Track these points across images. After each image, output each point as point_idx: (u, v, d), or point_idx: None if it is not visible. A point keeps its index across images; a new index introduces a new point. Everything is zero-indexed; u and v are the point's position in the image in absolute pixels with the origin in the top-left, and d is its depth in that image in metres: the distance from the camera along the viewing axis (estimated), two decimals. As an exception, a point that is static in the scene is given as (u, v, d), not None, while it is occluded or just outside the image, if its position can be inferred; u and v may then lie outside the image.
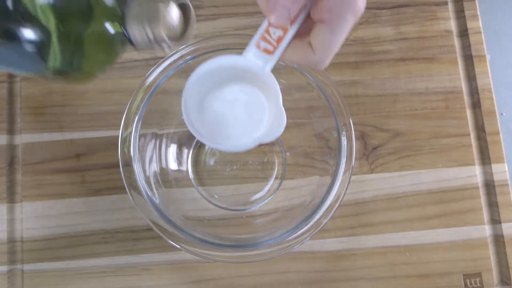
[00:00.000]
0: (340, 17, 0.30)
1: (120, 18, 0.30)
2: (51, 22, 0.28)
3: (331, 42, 0.31)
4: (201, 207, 0.49)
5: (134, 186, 0.41)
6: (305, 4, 0.32)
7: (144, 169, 0.43)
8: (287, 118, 0.35)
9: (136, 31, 0.30)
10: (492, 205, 0.51)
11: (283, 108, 0.35)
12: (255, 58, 0.34)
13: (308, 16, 0.33)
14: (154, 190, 0.43)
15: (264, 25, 0.33)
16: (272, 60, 0.34)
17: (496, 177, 0.51)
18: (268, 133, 0.36)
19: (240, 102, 0.37)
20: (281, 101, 0.35)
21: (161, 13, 0.30)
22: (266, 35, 0.33)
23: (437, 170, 0.51)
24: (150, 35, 0.30)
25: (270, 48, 0.34)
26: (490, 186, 0.51)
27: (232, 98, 0.37)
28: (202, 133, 0.36)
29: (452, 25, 0.55)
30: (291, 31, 0.33)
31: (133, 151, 0.41)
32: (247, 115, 0.37)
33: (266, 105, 0.37)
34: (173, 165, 0.49)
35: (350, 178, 0.41)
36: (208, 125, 0.37)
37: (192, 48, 0.42)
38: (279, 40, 0.33)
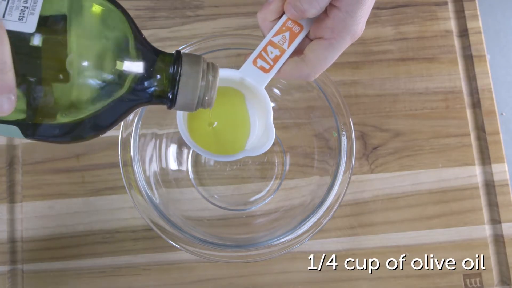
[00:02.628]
0: (340, 37, 0.32)
1: (168, 82, 0.29)
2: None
3: (327, 57, 0.33)
4: (201, 207, 0.49)
5: (134, 186, 0.41)
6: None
7: (144, 169, 0.43)
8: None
9: (186, 96, 0.30)
10: (492, 205, 0.51)
11: (272, 125, 0.36)
12: (250, 75, 0.35)
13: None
14: (154, 190, 0.43)
15: (263, 44, 0.35)
16: (267, 78, 0.35)
17: (496, 177, 0.51)
18: (256, 147, 0.37)
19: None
20: (271, 117, 0.36)
21: (215, 82, 0.31)
22: (264, 54, 0.35)
23: (437, 170, 0.51)
24: (200, 101, 0.30)
25: (266, 66, 0.35)
26: (490, 186, 0.51)
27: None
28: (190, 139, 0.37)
29: (452, 25, 0.55)
30: (288, 52, 0.35)
31: (133, 151, 0.41)
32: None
33: (257, 120, 0.38)
34: (173, 165, 0.49)
35: (350, 178, 0.41)
36: None
37: (192, 48, 0.42)
38: (275, 59, 0.35)
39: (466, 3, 0.55)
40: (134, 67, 0.28)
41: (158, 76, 0.29)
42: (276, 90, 0.48)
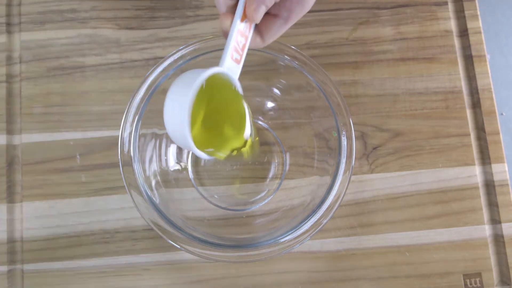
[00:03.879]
0: (297, 15, 0.36)
1: None
2: None
3: (281, 32, 0.37)
4: (201, 207, 0.49)
5: (134, 186, 0.41)
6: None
7: (144, 169, 0.43)
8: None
9: None
10: (492, 205, 0.51)
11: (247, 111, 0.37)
12: (230, 69, 0.36)
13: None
14: (154, 190, 0.43)
15: (233, 36, 0.35)
16: (239, 69, 0.36)
17: (496, 177, 0.51)
18: None
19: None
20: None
21: None
22: (236, 45, 0.35)
23: (437, 170, 0.51)
24: None
25: (238, 57, 0.36)
26: (490, 186, 0.51)
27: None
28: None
29: (452, 25, 0.55)
30: (249, 37, 0.36)
31: (133, 151, 0.41)
32: None
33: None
34: (173, 165, 0.49)
35: (350, 178, 0.41)
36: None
37: (192, 48, 0.42)
38: (243, 48, 0.36)
39: (466, 3, 0.55)
40: None
41: None
42: (276, 90, 0.48)
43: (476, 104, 0.53)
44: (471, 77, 0.54)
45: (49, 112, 0.51)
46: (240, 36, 0.35)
